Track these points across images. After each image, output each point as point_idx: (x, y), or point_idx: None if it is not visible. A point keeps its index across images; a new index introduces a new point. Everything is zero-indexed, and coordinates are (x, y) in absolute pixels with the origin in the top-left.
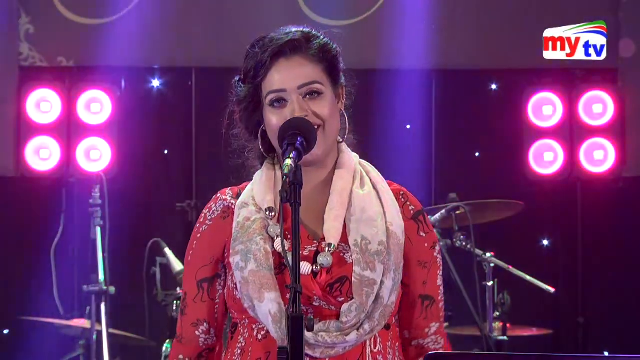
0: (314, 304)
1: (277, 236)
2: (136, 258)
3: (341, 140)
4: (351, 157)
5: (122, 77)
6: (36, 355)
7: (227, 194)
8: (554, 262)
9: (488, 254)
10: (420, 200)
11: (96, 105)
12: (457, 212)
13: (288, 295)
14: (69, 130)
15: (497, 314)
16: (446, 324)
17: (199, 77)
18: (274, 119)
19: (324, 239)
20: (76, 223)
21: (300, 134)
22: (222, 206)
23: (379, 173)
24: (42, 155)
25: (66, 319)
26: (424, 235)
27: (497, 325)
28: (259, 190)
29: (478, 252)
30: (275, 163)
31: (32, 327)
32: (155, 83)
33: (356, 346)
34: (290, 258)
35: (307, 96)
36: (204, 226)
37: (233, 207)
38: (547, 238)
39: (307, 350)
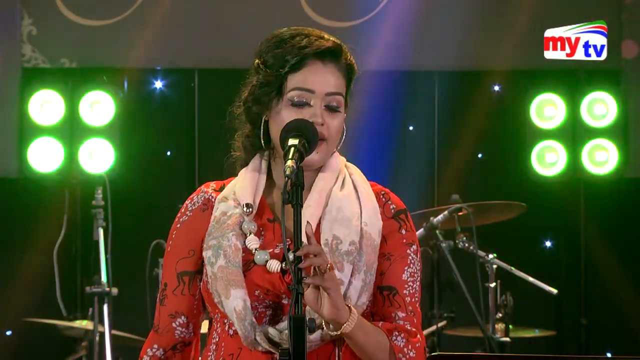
0: (283, 302)
1: (251, 233)
2: (139, 259)
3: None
4: (338, 160)
5: (125, 78)
6: (39, 356)
7: (210, 186)
8: (556, 264)
9: (491, 255)
10: (423, 202)
11: (99, 107)
12: (460, 214)
13: (256, 293)
14: (71, 131)
15: (500, 315)
16: (444, 322)
17: (201, 78)
18: (289, 118)
19: None
20: (79, 224)
21: (301, 135)
22: (203, 198)
23: (363, 176)
24: (45, 157)
25: (69, 320)
26: (404, 232)
27: (500, 326)
28: (241, 185)
29: (481, 253)
30: (265, 158)
31: (34, 328)
32: (158, 84)
33: (327, 345)
34: (294, 257)
35: (326, 107)
36: (184, 217)
37: (213, 200)
38: (550, 239)
39: (271, 348)
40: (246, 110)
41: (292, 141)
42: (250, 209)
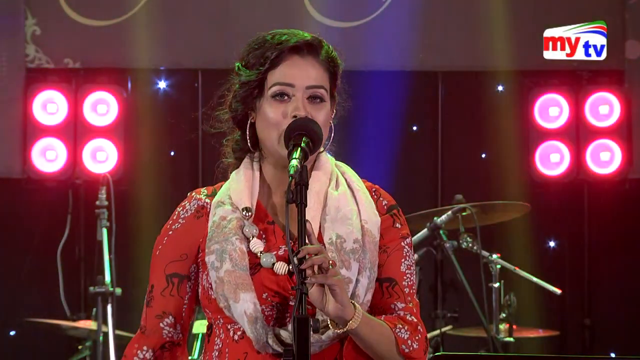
0: (290, 303)
1: (253, 236)
2: (142, 259)
3: (323, 149)
4: (327, 160)
5: (129, 78)
6: (42, 356)
7: (202, 193)
8: (560, 264)
9: (494, 256)
10: (426, 202)
11: (102, 107)
12: (464, 214)
13: (264, 295)
14: (75, 131)
15: (504, 315)
16: (450, 327)
17: (205, 78)
18: (271, 112)
19: None
20: (82, 224)
21: (306, 134)
22: (196, 205)
23: (354, 173)
24: (48, 157)
25: (72, 321)
26: (399, 226)
27: (504, 326)
28: (236, 189)
29: (484, 253)
30: (255, 160)
31: (38, 328)
32: (162, 84)
33: (333, 344)
34: (299, 258)
35: (310, 99)
36: (177, 224)
37: (208, 206)
38: (554, 239)
39: (282, 350)
40: (232, 114)
41: (295, 140)
42: (250, 213)
